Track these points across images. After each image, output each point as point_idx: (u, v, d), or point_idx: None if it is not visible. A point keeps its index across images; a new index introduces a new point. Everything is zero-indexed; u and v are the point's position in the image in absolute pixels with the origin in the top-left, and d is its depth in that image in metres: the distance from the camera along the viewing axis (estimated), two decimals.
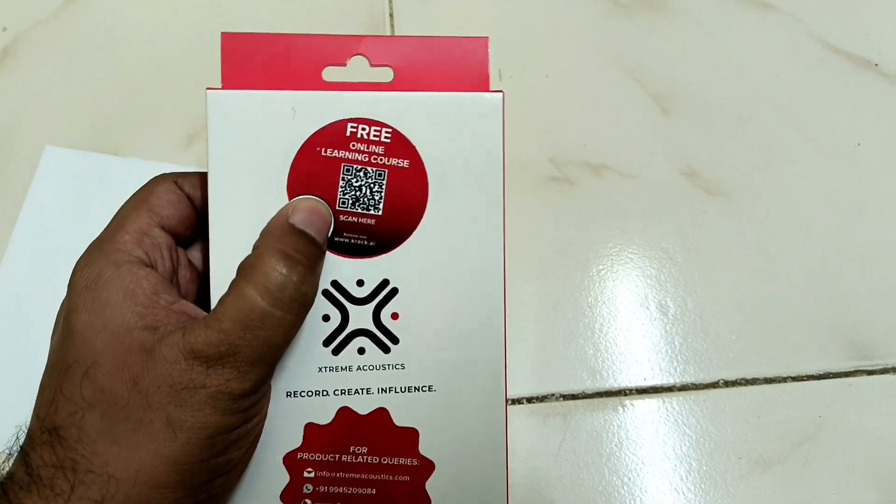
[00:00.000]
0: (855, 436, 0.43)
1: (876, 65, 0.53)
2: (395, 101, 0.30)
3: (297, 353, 0.30)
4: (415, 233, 0.31)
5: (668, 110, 0.51)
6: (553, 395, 0.44)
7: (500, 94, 0.31)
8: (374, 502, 0.31)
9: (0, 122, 0.50)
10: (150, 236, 0.30)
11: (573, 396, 0.44)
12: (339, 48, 0.31)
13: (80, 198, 0.34)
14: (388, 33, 0.53)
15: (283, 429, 0.31)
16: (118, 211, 0.31)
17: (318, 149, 0.30)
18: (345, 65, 0.31)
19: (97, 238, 0.30)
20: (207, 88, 0.30)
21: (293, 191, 0.30)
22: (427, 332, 0.31)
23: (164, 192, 0.31)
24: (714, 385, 0.44)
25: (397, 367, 0.31)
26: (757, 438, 0.43)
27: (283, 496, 0.31)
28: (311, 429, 0.31)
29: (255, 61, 0.31)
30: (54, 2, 0.54)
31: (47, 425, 0.27)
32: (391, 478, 0.31)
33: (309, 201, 0.30)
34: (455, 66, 0.31)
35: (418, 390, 0.31)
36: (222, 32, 0.31)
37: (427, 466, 0.31)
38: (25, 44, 0.53)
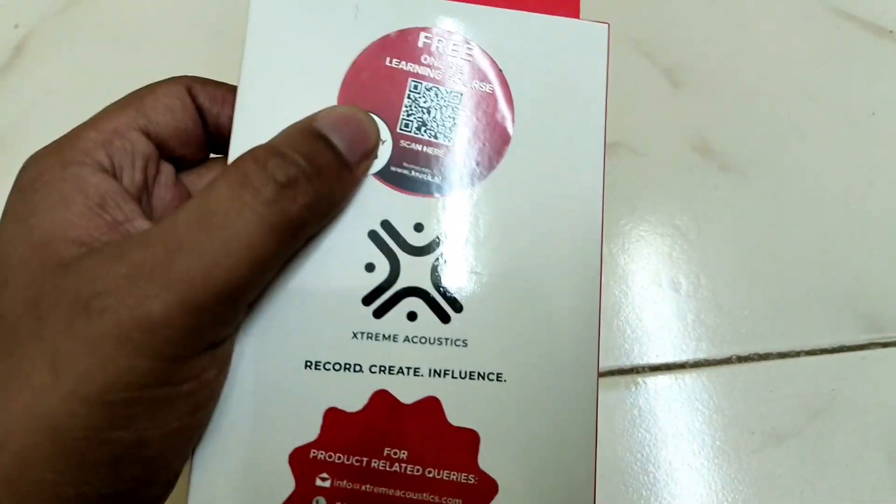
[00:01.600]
0: (869, 409, 0.42)
1: (890, 31, 0.52)
2: (482, 15, 0.24)
3: (326, 309, 0.23)
4: (493, 173, 0.24)
5: (678, 84, 0.50)
6: None
7: (606, 25, 0.26)
8: None
9: (15, 119, 0.48)
10: (123, 139, 0.23)
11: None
12: None
13: None
14: None
15: (295, 413, 0.22)
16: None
17: (383, 57, 0.24)
18: None
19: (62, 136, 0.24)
20: None
21: (345, 103, 0.23)
22: (499, 311, 0.23)
23: (166, 95, 0.24)
24: (727, 361, 0.44)
25: (458, 343, 0.23)
26: (770, 413, 0.42)
27: None
28: (333, 416, 0.22)
29: None
30: None
31: None
32: (437, 499, 0.23)
33: (348, 109, 0.23)
34: None
35: (483, 378, 0.23)
36: None
37: (487, 487, 0.23)
38: (37, 39, 0.51)
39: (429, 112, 0.24)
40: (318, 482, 0.22)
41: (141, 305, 0.19)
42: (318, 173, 0.21)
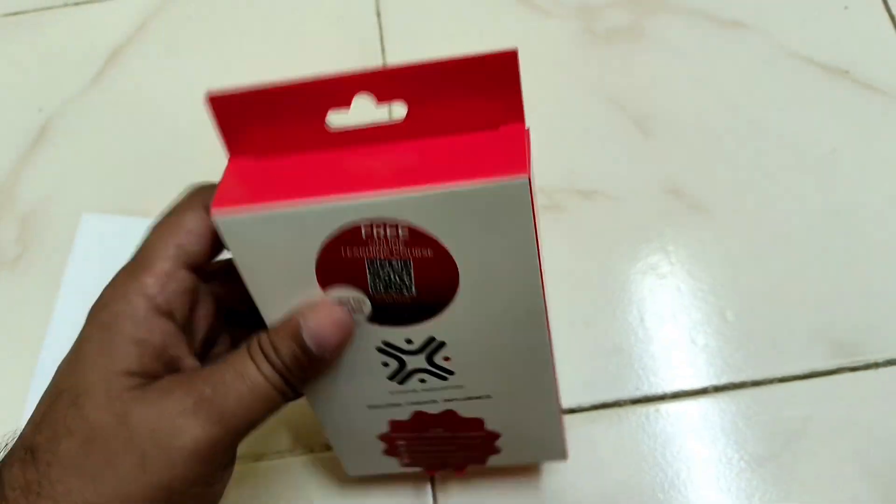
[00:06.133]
0: (842, 430, 0.44)
1: (847, 72, 0.54)
2: (404, 202, 0.28)
3: (369, 384, 0.35)
4: (451, 304, 0.31)
5: (649, 132, 0.53)
6: None
7: (525, 178, 0.27)
8: (454, 450, 0.39)
9: (40, 196, 0.55)
10: (174, 280, 0.29)
11: (570, 411, 0.45)
12: (339, 89, 0.28)
13: (118, 260, 0.31)
14: (381, 62, 0.57)
15: (372, 423, 0.37)
16: (147, 238, 0.30)
17: (339, 248, 0.29)
18: (348, 108, 0.29)
19: (123, 270, 0.29)
20: (213, 207, 0.28)
21: (325, 284, 0.31)
22: (478, 368, 0.34)
23: (194, 224, 0.29)
24: (703, 392, 0.45)
25: (456, 387, 0.35)
26: (747, 439, 0.44)
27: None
28: (394, 422, 0.37)
29: (253, 123, 0.29)
30: (83, 79, 0.59)
31: (27, 444, 0.27)
32: (466, 440, 0.39)
33: (329, 311, 0.30)
34: (477, 88, 0.27)
35: (478, 398, 0.35)
36: (209, 96, 0.28)
37: (494, 434, 0.38)
38: (60, 121, 0.58)
39: (389, 278, 0.30)
40: (398, 443, 0.39)
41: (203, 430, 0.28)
42: (294, 372, 0.30)
